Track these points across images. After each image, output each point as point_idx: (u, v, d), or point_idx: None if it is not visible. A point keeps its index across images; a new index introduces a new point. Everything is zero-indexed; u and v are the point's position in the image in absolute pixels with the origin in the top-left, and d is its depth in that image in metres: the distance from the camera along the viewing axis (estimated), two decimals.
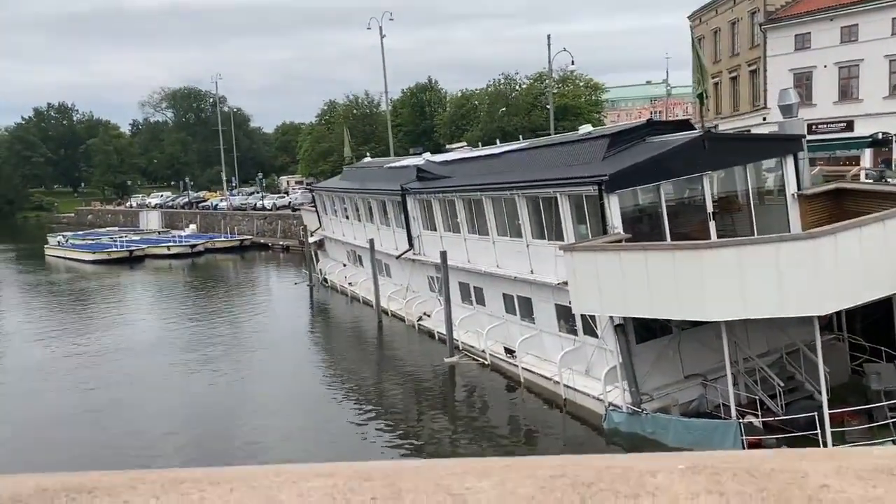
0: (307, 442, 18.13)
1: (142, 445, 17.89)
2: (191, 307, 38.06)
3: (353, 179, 36.66)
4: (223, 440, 18.58)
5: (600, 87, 73.23)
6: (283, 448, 17.37)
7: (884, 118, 37.65)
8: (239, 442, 18.19)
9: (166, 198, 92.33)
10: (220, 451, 17.52)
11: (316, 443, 18.06)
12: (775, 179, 19.02)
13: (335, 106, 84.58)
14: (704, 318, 14.27)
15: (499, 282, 21.92)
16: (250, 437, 18.43)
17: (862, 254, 12.96)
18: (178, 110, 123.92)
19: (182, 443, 18.31)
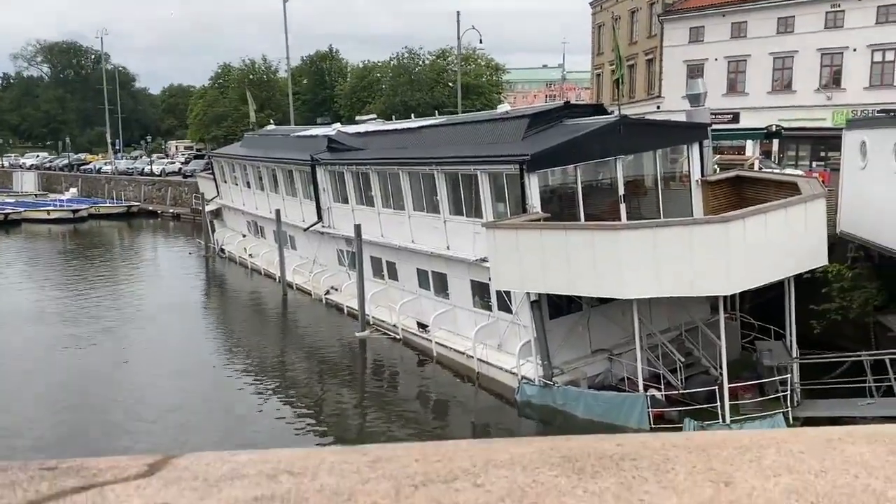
0: (200, 426, 16.83)
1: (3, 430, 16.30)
2: (73, 276, 35.83)
3: (257, 147, 35.50)
4: (100, 426, 16.82)
5: (501, 68, 74.04)
6: (171, 435, 15.91)
7: (766, 112, 40.26)
8: (118, 429, 16.55)
9: (43, 159, 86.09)
10: (96, 438, 15.78)
11: (210, 427, 16.84)
12: (680, 165, 19.99)
13: (230, 70, 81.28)
14: (621, 296, 14.88)
15: (413, 257, 21.96)
16: (131, 422, 16.97)
17: (767, 238, 13.89)
18: (56, 65, 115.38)
19: (50, 431, 16.57)
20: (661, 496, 0.72)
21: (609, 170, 18.56)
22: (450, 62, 66.26)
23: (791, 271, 14.85)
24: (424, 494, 0.72)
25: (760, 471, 0.77)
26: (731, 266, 13.66)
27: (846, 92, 38.89)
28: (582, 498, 0.72)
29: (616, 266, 14.24)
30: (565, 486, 0.75)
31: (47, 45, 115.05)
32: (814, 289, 17.61)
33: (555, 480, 0.76)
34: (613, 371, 17.41)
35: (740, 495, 0.72)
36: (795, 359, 16.25)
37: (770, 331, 18.23)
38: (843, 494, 0.71)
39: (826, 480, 0.74)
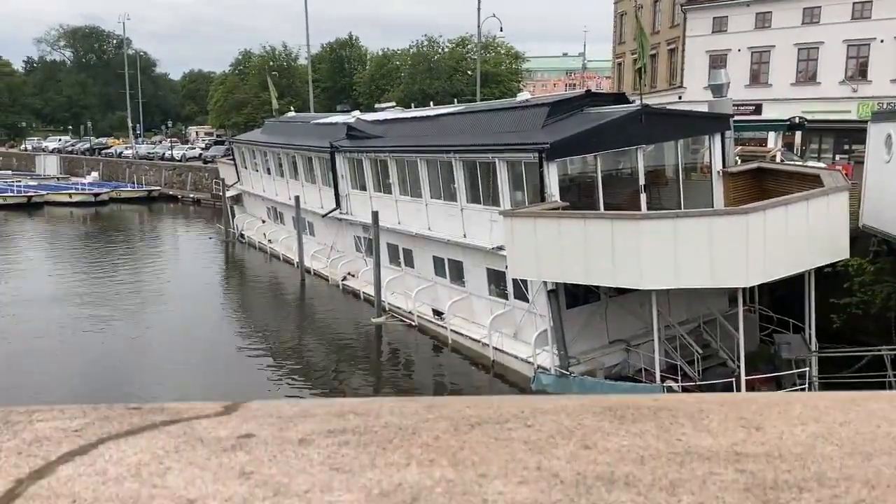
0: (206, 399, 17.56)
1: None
2: (95, 259, 36.29)
3: (277, 133, 35.67)
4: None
5: (521, 57, 73.77)
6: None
7: (789, 103, 39.81)
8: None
9: (65, 142, 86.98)
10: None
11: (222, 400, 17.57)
12: (702, 156, 19.87)
13: (250, 56, 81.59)
14: (640, 287, 14.86)
15: (430, 244, 22.03)
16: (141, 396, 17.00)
17: (787, 230, 13.81)
18: (78, 50, 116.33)
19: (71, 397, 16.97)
20: (697, 437, 0.77)
21: (629, 159, 18.48)
22: (469, 50, 66.09)
23: (812, 264, 14.76)
24: (481, 431, 0.78)
25: (788, 420, 0.83)
26: (751, 258, 13.59)
27: (872, 84, 38.34)
28: (625, 437, 0.77)
29: (635, 256, 14.22)
30: (609, 428, 0.80)
31: (70, 30, 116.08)
32: (835, 282, 17.48)
33: (599, 424, 0.82)
34: (630, 362, 17.41)
35: (770, 437, 0.77)
36: (814, 352, 16.18)
37: (789, 324, 18.12)
38: (865, 440, 0.76)
39: (850, 429, 0.80)
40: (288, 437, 0.77)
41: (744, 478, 0.66)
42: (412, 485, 0.65)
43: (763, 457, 0.71)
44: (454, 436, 0.76)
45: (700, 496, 0.62)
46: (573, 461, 0.69)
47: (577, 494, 0.63)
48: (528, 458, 0.70)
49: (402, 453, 0.72)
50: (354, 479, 0.66)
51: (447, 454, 0.71)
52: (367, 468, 0.68)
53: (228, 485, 0.66)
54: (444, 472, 0.67)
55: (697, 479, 0.65)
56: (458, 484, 0.65)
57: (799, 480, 0.65)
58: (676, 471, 0.67)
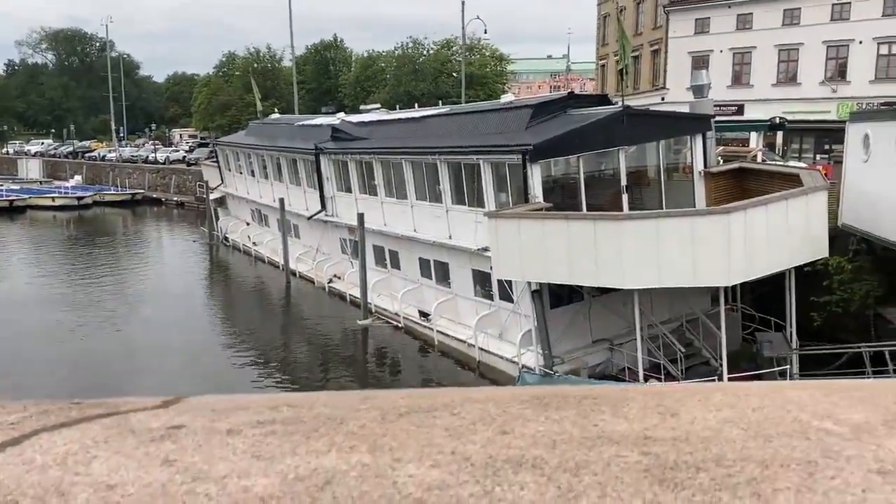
0: None
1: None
2: (77, 263, 36.02)
3: (261, 136, 35.55)
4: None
5: (506, 59, 73.92)
6: None
7: (771, 104, 40.18)
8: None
9: (48, 146, 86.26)
10: None
11: None
12: (684, 156, 20.02)
13: (234, 58, 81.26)
14: (622, 287, 14.95)
15: (415, 246, 22.05)
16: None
17: (767, 230, 13.95)
18: (60, 53, 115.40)
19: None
20: (613, 423, 0.80)
21: (612, 160, 18.59)
22: (454, 52, 66.17)
23: (792, 263, 14.92)
24: (407, 420, 0.80)
25: (705, 406, 0.86)
26: (732, 257, 13.72)
27: (851, 85, 38.77)
28: (543, 423, 0.80)
29: (618, 256, 14.31)
30: (531, 415, 0.83)
31: (52, 33, 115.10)
32: (815, 281, 17.67)
33: (522, 411, 0.84)
34: (614, 361, 17.51)
35: (682, 423, 0.80)
36: (795, 350, 16.34)
37: (770, 322, 18.29)
38: (771, 423, 0.79)
39: (761, 414, 0.83)
40: (217, 427, 0.80)
41: (647, 459, 0.69)
42: (328, 469, 0.67)
43: (670, 440, 0.74)
44: (380, 424, 0.78)
45: (602, 476, 0.65)
46: (488, 445, 0.72)
47: (484, 476, 0.66)
48: (446, 443, 0.73)
49: (326, 441, 0.74)
50: (273, 466, 0.68)
51: (368, 441, 0.73)
52: (287, 455, 0.71)
53: (150, 472, 0.68)
54: (362, 458, 0.70)
55: (602, 461, 0.68)
56: (372, 468, 0.68)
57: (698, 461, 0.68)
58: (585, 454, 0.70)
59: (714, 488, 0.63)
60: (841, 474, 0.65)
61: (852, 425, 0.75)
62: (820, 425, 0.76)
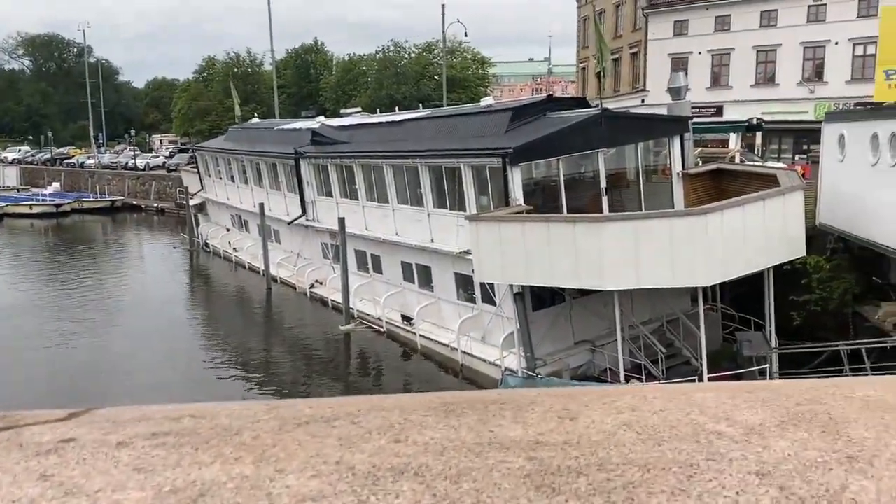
0: None
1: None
2: (56, 272, 35.63)
3: (241, 140, 35.36)
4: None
5: (487, 62, 74.08)
6: None
7: (750, 105, 40.55)
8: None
9: (25, 153, 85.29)
10: None
11: None
12: (663, 157, 20.14)
13: (214, 63, 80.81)
14: (602, 288, 15.01)
15: (397, 250, 22.02)
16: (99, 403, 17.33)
17: (744, 230, 14.07)
18: (38, 58, 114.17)
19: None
20: (509, 429, 0.80)
21: (591, 162, 18.67)
22: (436, 55, 66.22)
23: (769, 263, 15.04)
24: (304, 430, 0.79)
25: (609, 410, 0.86)
26: (710, 258, 13.82)
27: (828, 85, 39.21)
28: (440, 430, 0.80)
29: (597, 258, 14.37)
30: (430, 423, 0.83)
31: (29, 38, 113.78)
32: (794, 280, 17.83)
33: (423, 419, 0.84)
34: (596, 362, 17.57)
35: (579, 426, 0.80)
36: (774, 349, 16.46)
37: (750, 322, 18.43)
38: (667, 426, 0.79)
39: (660, 417, 0.83)
40: (108, 440, 0.78)
41: (531, 465, 0.68)
42: (205, 482, 0.66)
43: (560, 445, 0.74)
44: (275, 434, 0.77)
45: (481, 483, 0.65)
46: (375, 455, 0.71)
47: (363, 485, 0.65)
48: (333, 453, 0.72)
49: (213, 453, 0.73)
50: (151, 478, 0.67)
51: (256, 452, 0.72)
52: (169, 468, 0.70)
53: (23, 487, 0.67)
54: (244, 470, 0.69)
55: (486, 468, 0.68)
56: (251, 479, 0.67)
57: (582, 466, 0.68)
58: (470, 460, 0.70)
59: (589, 493, 0.63)
60: (720, 477, 0.65)
61: (747, 427, 0.76)
62: (714, 427, 0.76)
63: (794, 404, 0.82)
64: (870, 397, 0.86)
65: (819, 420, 0.77)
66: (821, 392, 0.87)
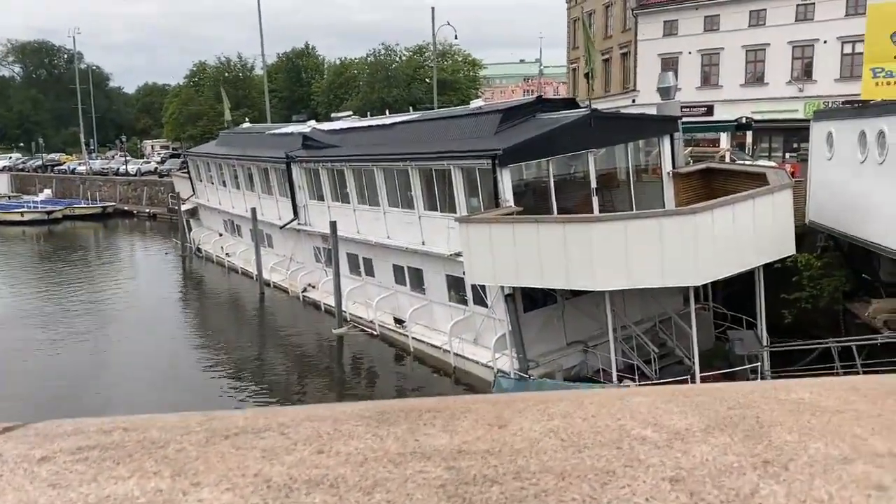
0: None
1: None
2: (48, 279, 35.48)
3: (232, 145, 35.31)
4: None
5: (478, 64, 74.22)
6: None
7: (740, 104, 40.71)
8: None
9: (16, 160, 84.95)
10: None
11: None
12: (653, 157, 20.19)
13: (205, 67, 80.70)
14: (593, 288, 15.02)
15: (389, 253, 22.00)
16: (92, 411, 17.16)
17: (734, 229, 14.10)
18: (28, 65, 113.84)
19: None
20: (437, 437, 0.80)
21: (581, 163, 18.69)
22: (426, 58, 66.27)
23: (760, 261, 15.07)
24: (230, 443, 0.79)
25: (539, 417, 0.86)
26: (700, 257, 13.84)
27: (817, 84, 39.39)
28: (366, 440, 0.79)
29: (588, 259, 14.38)
30: (359, 432, 0.82)
31: (19, 45, 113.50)
32: (784, 278, 17.89)
33: (354, 429, 0.84)
34: (588, 363, 17.58)
35: (505, 434, 0.80)
36: (766, 347, 16.50)
37: (742, 320, 18.48)
38: (594, 433, 0.79)
39: (589, 423, 0.83)
40: (31, 455, 0.78)
41: (449, 474, 0.68)
42: (119, 496, 0.66)
43: (481, 454, 0.73)
44: (200, 447, 0.77)
45: (395, 494, 0.64)
46: (294, 467, 0.71)
47: (276, 498, 0.65)
48: (253, 465, 0.72)
49: (133, 466, 0.73)
50: (64, 494, 0.67)
51: (175, 466, 0.72)
52: (85, 483, 0.69)
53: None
54: (160, 483, 0.68)
55: (402, 478, 0.67)
56: (165, 493, 0.67)
57: (499, 475, 0.68)
58: (388, 471, 0.70)
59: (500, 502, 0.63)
60: (633, 483, 0.65)
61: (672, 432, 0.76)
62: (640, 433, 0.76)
63: (725, 408, 0.82)
64: (803, 400, 0.86)
65: (745, 424, 0.77)
66: (756, 396, 0.87)
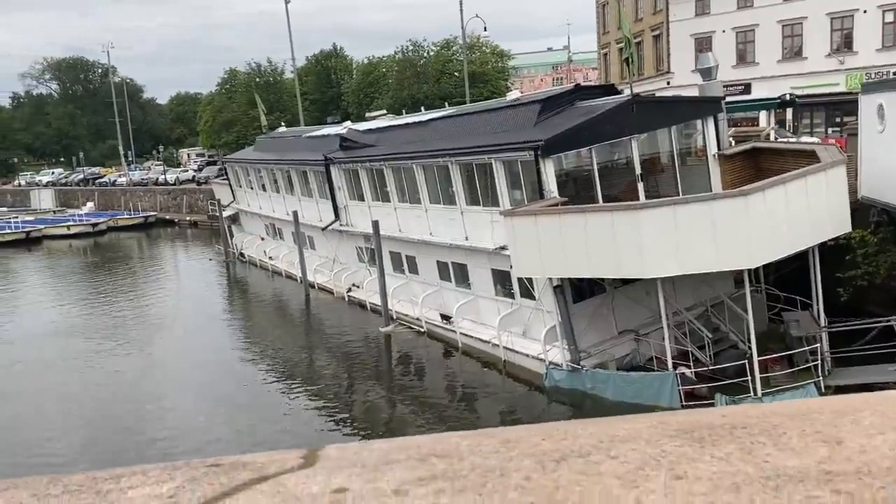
0: (233, 426, 16.96)
1: (43, 444, 16.55)
2: (98, 289, 36.26)
3: (270, 150, 35.68)
4: (135, 434, 16.93)
5: (506, 55, 73.75)
6: (204, 438, 16.30)
7: (778, 80, 39.82)
8: (152, 435, 16.73)
9: (59, 175, 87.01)
10: (133, 447, 15.93)
11: (242, 425, 16.98)
12: (695, 140, 19.88)
13: (236, 74, 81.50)
14: (644, 276, 14.87)
15: (432, 249, 22.03)
16: (165, 426, 17.25)
17: (787, 208, 13.82)
18: (64, 81, 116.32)
19: (86, 441, 16.88)
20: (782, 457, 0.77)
21: (624, 150, 18.50)
22: (454, 52, 66.06)
23: (814, 240, 14.77)
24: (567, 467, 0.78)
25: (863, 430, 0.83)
26: (754, 239, 13.60)
27: (858, 55, 38.36)
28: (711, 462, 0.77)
29: (637, 246, 14.23)
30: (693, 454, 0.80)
31: (55, 63, 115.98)
32: (838, 256, 17.49)
33: (680, 449, 0.82)
34: (641, 351, 17.42)
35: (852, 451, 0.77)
36: (823, 328, 16.16)
37: (796, 301, 18.11)
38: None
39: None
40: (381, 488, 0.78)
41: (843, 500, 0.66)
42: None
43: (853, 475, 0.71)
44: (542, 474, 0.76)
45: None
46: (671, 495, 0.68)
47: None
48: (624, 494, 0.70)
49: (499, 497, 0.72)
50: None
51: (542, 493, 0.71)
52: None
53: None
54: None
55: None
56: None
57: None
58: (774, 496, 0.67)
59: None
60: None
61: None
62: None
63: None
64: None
65: None
66: None
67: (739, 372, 15.11)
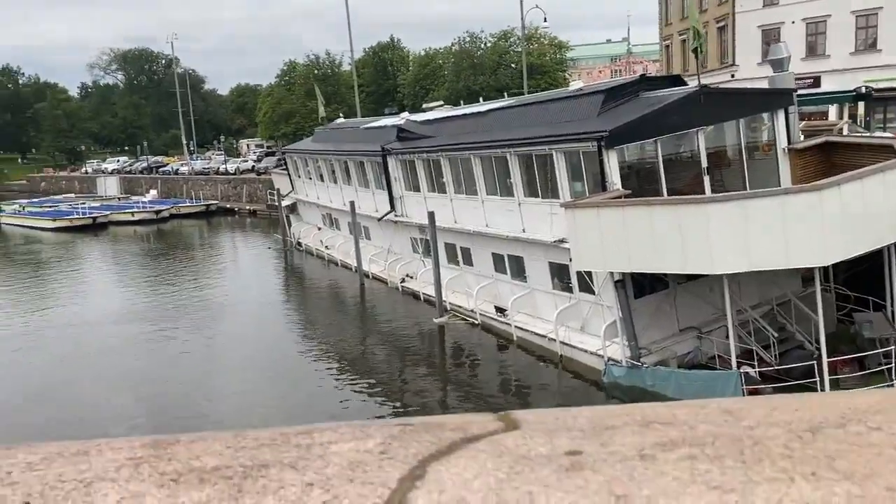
0: (289, 409, 17.32)
1: (106, 418, 17.30)
2: (162, 274, 37.29)
3: (328, 141, 36.02)
4: (196, 412, 17.51)
5: (565, 46, 72.94)
6: (260, 418, 16.45)
7: (850, 73, 38.31)
8: (212, 414, 17.19)
9: (123, 163, 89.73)
10: (193, 424, 16.25)
11: (298, 408, 17.35)
12: (763, 133, 19.25)
13: (295, 66, 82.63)
14: (711, 272, 14.47)
15: (488, 241, 21.90)
16: (224, 407, 17.71)
17: (863, 205, 13.25)
18: (129, 72, 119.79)
19: (148, 414, 17.67)
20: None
21: (690, 142, 18.03)
22: (512, 43, 65.62)
23: (892, 238, 14.13)
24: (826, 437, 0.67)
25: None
26: (827, 236, 13.08)
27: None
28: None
29: (705, 241, 13.84)
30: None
31: (121, 54, 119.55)
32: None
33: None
34: (703, 349, 16.99)
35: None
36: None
37: (868, 302, 17.40)
38: None
39: None
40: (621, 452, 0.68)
41: None
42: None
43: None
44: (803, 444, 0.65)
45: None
46: None
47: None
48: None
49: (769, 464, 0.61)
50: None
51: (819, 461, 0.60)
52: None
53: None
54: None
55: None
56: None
57: None
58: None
59: None
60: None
61: None
62: None
63: None
64: None
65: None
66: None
67: (806, 373, 14.60)
